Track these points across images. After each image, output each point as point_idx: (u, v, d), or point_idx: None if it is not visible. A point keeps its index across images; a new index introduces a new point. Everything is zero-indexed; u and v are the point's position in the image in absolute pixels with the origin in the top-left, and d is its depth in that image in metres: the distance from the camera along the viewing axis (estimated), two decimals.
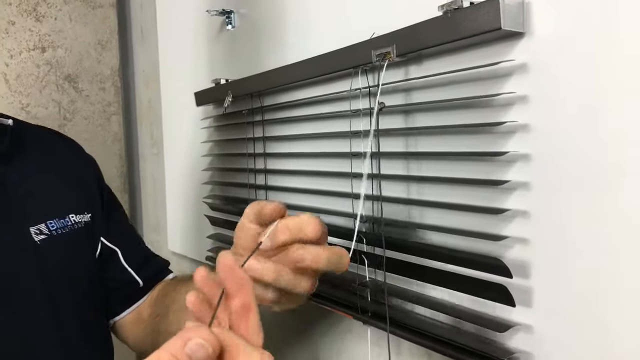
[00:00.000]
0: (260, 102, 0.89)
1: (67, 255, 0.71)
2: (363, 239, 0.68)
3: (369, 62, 0.63)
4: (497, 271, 0.52)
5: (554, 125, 0.49)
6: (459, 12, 0.51)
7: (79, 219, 0.74)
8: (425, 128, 0.61)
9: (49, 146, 0.79)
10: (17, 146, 0.72)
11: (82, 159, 0.84)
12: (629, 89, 0.43)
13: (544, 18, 0.49)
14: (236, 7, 0.97)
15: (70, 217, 0.73)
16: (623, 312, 0.45)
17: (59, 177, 0.76)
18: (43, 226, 0.69)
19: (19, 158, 0.72)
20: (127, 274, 0.83)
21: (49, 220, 0.70)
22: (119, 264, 0.82)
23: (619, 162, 0.44)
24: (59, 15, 1.44)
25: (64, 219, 0.72)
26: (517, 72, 0.51)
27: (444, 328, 0.59)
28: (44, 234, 0.69)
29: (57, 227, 0.71)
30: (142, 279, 0.83)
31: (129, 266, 0.83)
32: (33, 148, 0.75)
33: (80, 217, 0.75)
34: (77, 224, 0.74)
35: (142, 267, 0.84)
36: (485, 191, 0.55)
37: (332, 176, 0.75)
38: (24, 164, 0.72)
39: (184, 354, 0.33)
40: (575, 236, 0.47)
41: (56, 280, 0.68)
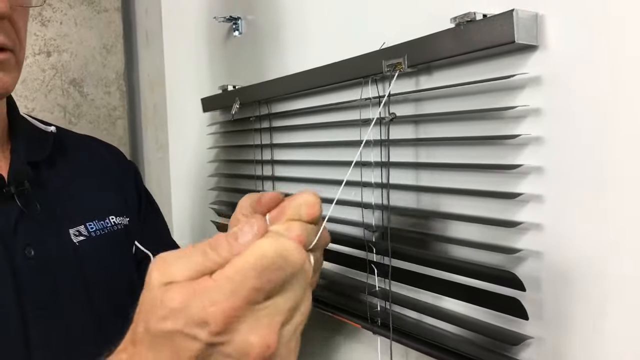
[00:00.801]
0: (268, 109, 0.89)
1: (106, 257, 0.72)
2: (372, 249, 0.68)
3: (379, 72, 0.63)
4: (510, 284, 0.51)
5: (567, 138, 0.49)
6: (472, 24, 0.51)
7: (118, 221, 0.75)
8: (436, 139, 0.61)
9: (90, 152, 0.81)
10: (60, 152, 0.74)
11: (122, 164, 0.86)
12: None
13: (558, 31, 0.49)
14: (243, 14, 0.97)
15: (110, 219, 0.74)
16: (635, 325, 0.45)
17: (99, 181, 0.78)
18: (82, 228, 0.70)
19: (60, 163, 0.73)
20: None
21: (89, 222, 0.71)
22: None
23: (633, 174, 0.44)
24: (64, 20, 1.44)
25: (104, 220, 0.73)
26: (530, 84, 0.51)
27: (455, 339, 0.59)
28: (83, 235, 0.70)
29: (96, 228, 0.72)
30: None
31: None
32: (75, 154, 0.77)
33: (120, 219, 0.76)
34: (117, 226, 0.75)
35: None
36: (498, 203, 0.55)
37: (340, 184, 0.75)
38: (65, 169, 0.73)
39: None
40: (588, 249, 0.47)
41: (95, 281, 0.69)
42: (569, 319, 0.49)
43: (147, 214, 0.85)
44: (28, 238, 0.64)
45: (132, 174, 0.86)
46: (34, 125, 0.74)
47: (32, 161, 0.67)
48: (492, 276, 0.53)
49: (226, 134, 1.05)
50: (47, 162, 0.71)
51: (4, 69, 0.59)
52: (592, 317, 0.47)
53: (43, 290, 0.64)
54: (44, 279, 0.65)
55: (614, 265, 0.46)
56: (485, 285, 0.55)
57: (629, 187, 0.44)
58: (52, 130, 0.73)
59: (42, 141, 0.71)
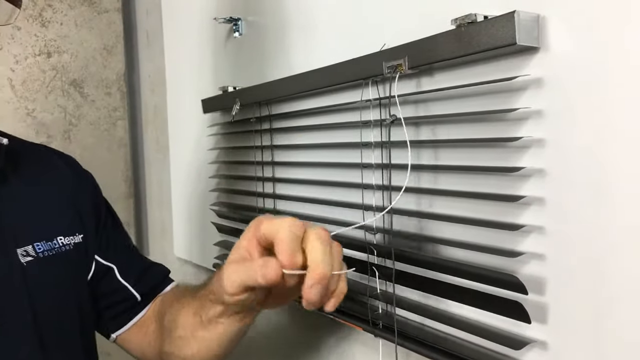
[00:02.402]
0: (269, 110, 0.89)
1: (53, 278, 0.70)
2: (374, 251, 0.67)
3: (379, 73, 0.63)
4: (513, 287, 0.51)
5: (569, 140, 0.48)
6: (473, 26, 0.51)
7: (67, 241, 0.73)
8: (436, 141, 0.61)
9: (44, 165, 0.79)
10: (12, 165, 0.72)
11: (78, 176, 0.83)
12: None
13: (559, 33, 0.48)
14: (244, 15, 0.97)
15: (58, 240, 0.72)
16: (638, 328, 0.44)
17: (51, 197, 0.76)
18: (30, 248, 0.69)
19: (12, 177, 0.71)
20: (124, 289, 0.82)
21: (36, 242, 0.70)
22: (115, 280, 0.81)
23: (636, 176, 0.44)
24: (64, 21, 1.44)
25: (52, 241, 0.71)
26: (532, 86, 0.51)
27: (457, 342, 0.59)
28: (30, 255, 0.68)
29: (44, 249, 0.70)
30: (139, 293, 0.82)
31: (126, 281, 0.82)
32: (27, 167, 0.75)
33: (70, 238, 0.74)
34: (66, 246, 0.73)
35: (139, 281, 0.83)
36: (499, 206, 0.54)
37: (341, 186, 0.75)
38: (16, 184, 0.72)
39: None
40: (592, 252, 0.47)
41: (41, 302, 0.68)
42: (572, 322, 0.49)
43: (106, 227, 0.83)
44: None
45: (88, 185, 0.84)
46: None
47: None
48: (494, 279, 0.53)
49: (227, 135, 1.05)
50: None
51: None
52: (595, 320, 0.47)
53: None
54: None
55: (618, 268, 0.45)
56: (487, 288, 0.55)
57: (631, 188, 0.44)
58: (4, 143, 0.70)
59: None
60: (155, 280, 0.85)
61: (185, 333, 0.70)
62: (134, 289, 0.82)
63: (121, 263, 0.82)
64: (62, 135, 1.46)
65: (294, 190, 0.86)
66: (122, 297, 0.81)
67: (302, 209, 0.84)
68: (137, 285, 0.82)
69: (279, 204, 0.89)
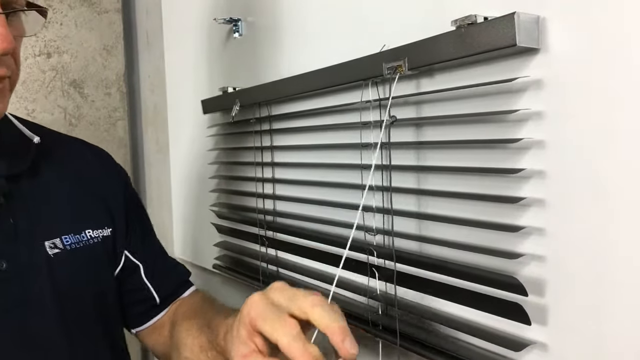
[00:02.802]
0: (269, 111, 0.88)
1: (79, 270, 0.72)
2: (374, 252, 0.67)
3: (379, 74, 0.62)
4: (513, 289, 0.51)
5: (569, 141, 0.48)
6: (473, 27, 0.51)
7: (95, 234, 0.75)
8: (437, 142, 0.61)
9: (76, 160, 0.80)
10: (43, 162, 0.74)
11: (109, 171, 0.85)
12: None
13: (560, 34, 0.48)
14: (243, 16, 0.97)
15: (87, 232, 0.75)
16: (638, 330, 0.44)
17: (81, 191, 0.77)
18: (58, 240, 0.71)
19: (42, 174, 0.73)
20: (147, 290, 0.84)
21: (64, 235, 0.72)
22: (139, 279, 0.84)
23: (635, 178, 0.44)
24: (64, 21, 1.44)
25: (80, 234, 0.74)
26: (532, 87, 0.51)
27: (457, 344, 0.59)
28: (58, 248, 0.70)
29: (72, 242, 0.72)
30: (160, 296, 0.85)
31: (149, 282, 0.84)
32: (59, 162, 0.77)
33: (98, 232, 0.76)
34: (93, 239, 0.75)
35: (162, 284, 0.86)
36: (500, 207, 0.54)
37: (341, 187, 0.75)
38: (48, 179, 0.74)
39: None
40: (592, 253, 0.47)
41: (67, 293, 0.70)
42: (572, 324, 0.49)
43: (136, 222, 0.85)
44: (1, 250, 0.65)
45: (119, 180, 0.85)
46: (19, 134, 0.73)
47: (11, 174, 0.68)
48: (494, 281, 0.53)
49: (226, 136, 1.05)
50: (28, 173, 0.71)
51: (2, 95, 0.61)
52: (595, 322, 0.47)
53: (9, 300, 0.65)
54: (12, 289, 0.65)
55: (618, 269, 0.45)
56: (488, 289, 0.55)
57: (631, 190, 0.44)
58: (36, 141, 0.72)
59: (23, 153, 0.71)
60: (176, 284, 0.88)
61: (192, 357, 0.74)
62: (155, 292, 0.85)
63: (147, 262, 0.85)
64: None
65: (293, 191, 0.86)
66: (143, 297, 0.84)
67: (301, 210, 0.84)
68: (158, 288, 0.85)
69: (278, 205, 0.89)
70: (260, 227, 0.91)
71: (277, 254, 0.90)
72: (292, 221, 0.86)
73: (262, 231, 0.91)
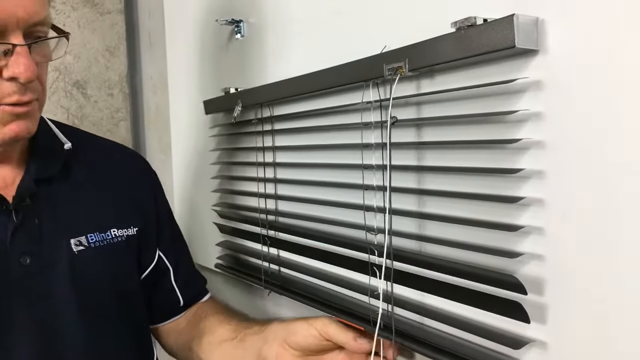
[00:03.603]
0: (270, 111, 0.89)
1: (102, 266, 0.76)
2: (375, 252, 0.68)
3: (380, 75, 0.63)
4: (512, 288, 0.52)
5: (568, 141, 0.49)
6: (473, 29, 0.51)
7: (120, 233, 0.79)
8: (436, 143, 0.61)
9: (105, 163, 0.85)
10: (74, 165, 0.78)
11: (139, 173, 0.90)
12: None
13: (558, 35, 0.49)
14: (245, 17, 0.97)
15: (112, 231, 0.78)
16: (637, 329, 0.45)
17: (108, 192, 0.82)
18: (83, 238, 0.75)
19: (73, 176, 0.78)
20: (174, 293, 0.91)
21: (90, 233, 0.76)
22: (169, 283, 0.91)
23: (635, 178, 0.44)
24: (67, 22, 1.45)
25: (105, 232, 0.78)
26: (531, 88, 0.51)
27: (456, 342, 0.59)
28: (83, 245, 0.75)
29: (97, 240, 0.76)
30: (184, 299, 0.92)
31: (177, 285, 0.91)
32: (88, 165, 0.81)
33: (123, 230, 0.80)
34: (118, 238, 0.79)
35: (186, 287, 0.93)
36: (499, 207, 0.55)
37: (342, 187, 0.76)
38: (76, 182, 0.78)
39: None
40: (591, 252, 0.47)
41: (88, 288, 0.74)
42: (572, 322, 0.49)
43: (165, 224, 0.91)
44: (25, 248, 0.69)
45: (149, 181, 0.91)
46: (53, 139, 0.78)
47: (41, 177, 0.73)
48: (494, 279, 0.54)
49: (228, 136, 1.06)
50: (58, 176, 0.76)
51: (31, 117, 0.65)
52: (594, 320, 0.48)
53: (33, 294, 0.69)
54: (35, 283, 0.70)
55: (617, 269, 0.46)
56: (487, 288, 0.55)
57: (630, 190, 0.45)
58: (67, 147, 0.76)
59: (55, 157, 0.76)
60: (198, 290, 0.96)
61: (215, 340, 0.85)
62: (181, 295, 0.92)
63: (177, 267, 0.92)
64: None
65: (295, 190, 0.87)
66: (170, 298, 0.92)
67: (303, 210, 0.84)
68: (183, 292, 0.93)
69: (280, 205, 0.90)
70: (262, 227, 0.92)
71: (279, 253, 0.91)
72: (293, 221, 0.86)
73: (264, 231, 0.92)
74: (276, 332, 0.77)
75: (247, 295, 1.07)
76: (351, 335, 0.69)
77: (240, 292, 1.09)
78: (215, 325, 0.87)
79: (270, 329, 0.79)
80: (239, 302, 1.10)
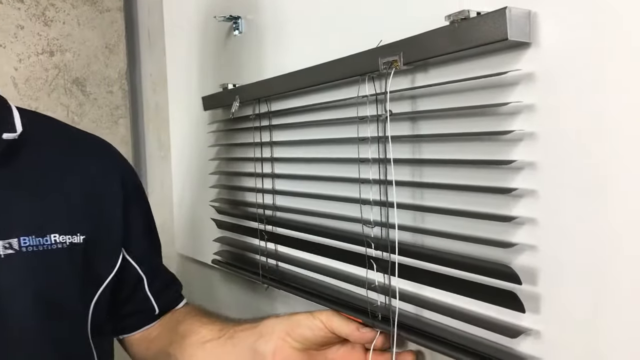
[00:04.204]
0: (268, 107, 0.90)
1: (30, 275, 0.67)
2: (372, 244, 0.68)
3: (375, 69, 0.64)
4: (506, 278, 0.52)
5: (560, 133, 0.49)
6: (466, 22, 0.52)
7: (62, 239, 0.70)
8: (431, 135, 0.62)
9: (62, 159, 0.75)
10: (20, 157, 0.69)
11: (107, 174, 0.79)
12: (634, 98, 0.44)
13: (551, 28, 0.49)
14: (243, 13, 0.98)
15: (52, 237, 0.69)
16: (631, 318, 0.45)
17: (57, 193, 0.72)
18: (14, 241, 0.66)
19: (14, 170, 0.69)
20: (148, 302, 0.85)
21: (24, 236, 0.67)
22: (142, 292, 0.84)
23: (626, 170, 0.45)
24: (67, 20, 1.46)
25: (43, 237, 0.68)
26: (524, 81, 0.52)
27: (453, 333, 0.60)
28: (12, 249, 0.66)
29: (30, 244, 0.67)
30: (159, 306, 0.86)
31: (152, 294, 0.85)
32: (40, 160, 0.72)
33: (67, 237, 0.70)
34: (59, 244, 0.69)
35: (161, 295, 0.87)
36: (493, 198, 0.55)
37: (339, 181, 0.76)
38: (17, 177, 0.69)
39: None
40: (583, 243, 0.48)
41: (10, 297, 0.65)
42: (565, 312, 0.50)
43: (136, 231, 0.82)
44: None
45: (117, 184, 0.80)
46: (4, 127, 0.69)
47: None
48: (489, 270, 0.54)
49: (226, 132, 1.06)
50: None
51: None
52: (588, 310, 0.48)
53: None
54: None
55: (610, 258, 0.46)
56: (483, 279, 0.56)
57: (622, 181, 0.45)
58: (8, 137, 0.68)
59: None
60: (173, 297, 0.90)
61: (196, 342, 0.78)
62: (156, 303, 0.86)
63: (152, 275, 0.85)
64: None
65: (292, 185, 0.87)
66: (144, 308, 0.85)
67: (300, 204, 0.85)
68: (159, 300, 0.86)
69: (278, 200, 0.90)
70: (260, 222, 0.92)
71: (276, 248, 0.91)
72: (291, 215, 0.87)
73: (261, 225, 0.92)
74: (274, 325, 0.74)
75: (244, 291, 1.08)
76: (354, 326, 0.68)
77: (238, 288, 1.10)
78: (197, 327, 0.80)
79: (265, 324, 0.75)
80: (236, 298, 1.11)
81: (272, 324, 0.75)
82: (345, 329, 0.69)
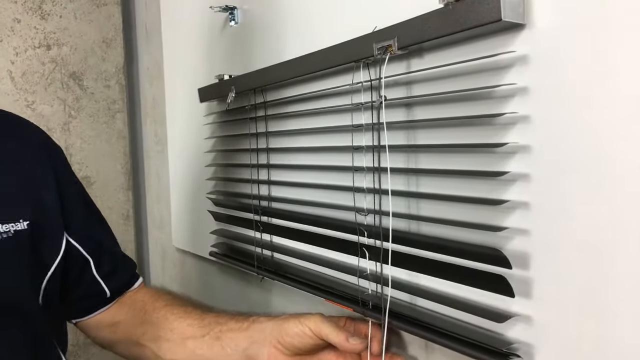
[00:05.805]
0: (263, 97, 0.89)
1: None
2: (364, 232, 0.68)
3: (370, 55, 0.63)
4: (497, 262, 0.52)
5: (554, 116, 0.49)
6: (460, 4, 0.52)
7: (6, 228, 0.67)
8: (425, 120, 0.61)
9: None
10: None
11: (37, 152, 0.75)
12: (628, 81, 0.43)
13: (545, 9, 0.49)
14: (239, 4, 0.98)
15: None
16: (622, 303, 0.45)
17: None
18: None
19: None
20: (97, 284, 0.82)
21: None
22: (90, 275, 0.81)
23: (619, 154, 0.44)
24: (64, 13, 1.45)
25: None
26: (518, 63, 0.51)
27: (443, 319, 0.60)
28: None
29: None
30: (110, 289, 0.84)
31: (100, 276, 0.82)
32: None
33: (10, 225, 0.67)
34: (3, 234, 0.66)
35: (111, 277, 0.84)
36: (485, 183, 0.55)
37: (334, 170, 0.76)
38: None
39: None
40: (575, 227, 0.48)
41: None
42: (557, 297, 0.49)
43: (78, 208, 0.80)
44: None
45: (48, 162, 0.76)
46: None
47: None
48: (479, 254, 0.54)
49: (222, 124, 1.06)
50: None
51: None
52: (580, 295, 0.48)
53: None
54: None
55: (602, 243, 0.46)
56: (473, 264, 0.55)
57: (616, 164, 0.45)
58: None
59: None
60: (125, 278, 0.87)
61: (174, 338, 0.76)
62: (106, 285, 0.83)
63: (98, 256, 0.82)
64: (61, 128, 1.47)
65: (288, 176, 0.87)
66: (93, 291, 0.82)
67: (296, 194, 0.84)
68: (108, 281, 0.83)
69: (273, 190, 0.90)
70: (255, 213, 0.92)
71: (271, 238, 0.91)
72: (286, 205, 0.86)
73: (256, 216, 0.92)
74: (265, 331, 0.72)
75: (240, 282, 1.07)
76: (343, 336, 0.66)
77: (235, 280, 1.09)
78: (171, 321, 0.77)
79: (256, 327, 0.73)
80: (233, 290, 1.10)
81: (263, 328, 0.72)
82: (334, 338, 0.66)
